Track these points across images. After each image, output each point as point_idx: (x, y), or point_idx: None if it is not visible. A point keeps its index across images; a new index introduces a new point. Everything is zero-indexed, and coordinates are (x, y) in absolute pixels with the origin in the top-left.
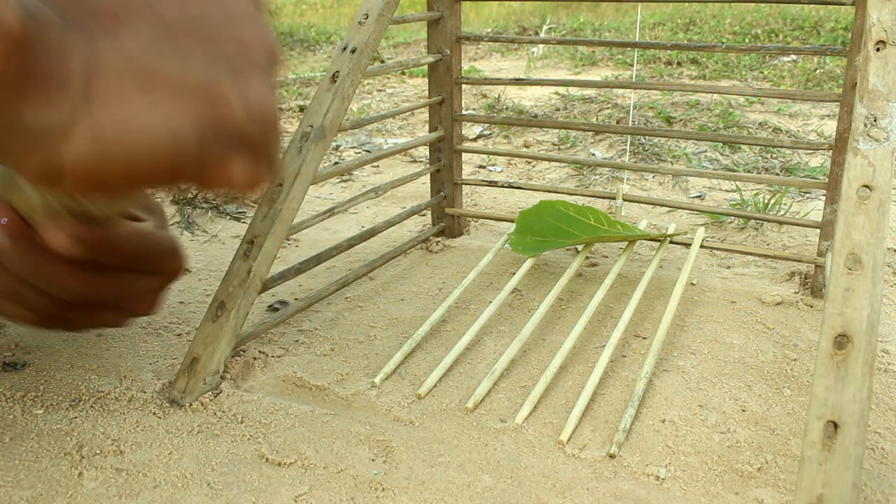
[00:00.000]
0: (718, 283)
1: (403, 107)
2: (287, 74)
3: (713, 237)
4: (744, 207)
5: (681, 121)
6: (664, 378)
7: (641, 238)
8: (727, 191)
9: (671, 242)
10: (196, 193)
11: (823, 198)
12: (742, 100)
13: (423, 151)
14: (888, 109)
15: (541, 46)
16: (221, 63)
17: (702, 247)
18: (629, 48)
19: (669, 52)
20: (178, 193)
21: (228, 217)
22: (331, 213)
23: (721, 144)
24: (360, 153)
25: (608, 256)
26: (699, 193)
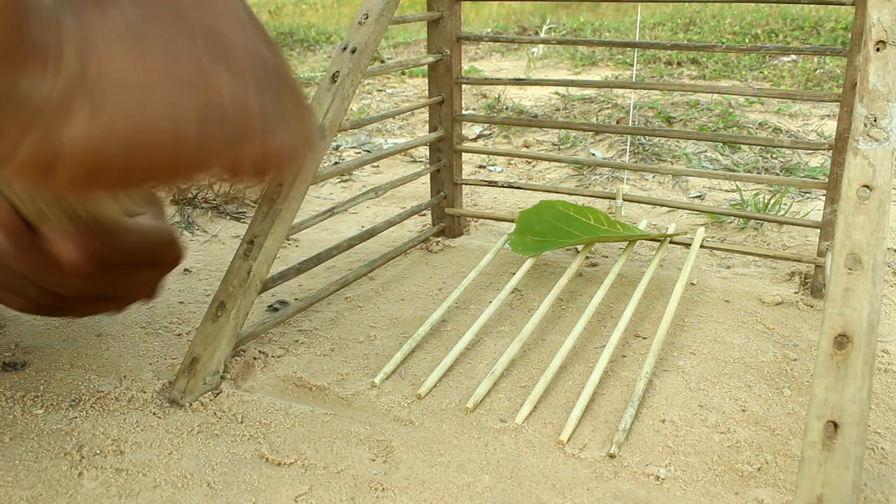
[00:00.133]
0: (718, 283)
1: (403, 107)
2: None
3: (713, 237)
4: (744, 207)
5: (681, 121)
6: (664, 378)
7: (641, 238)
8: (727, 191)
9: (671, 242)
10: (198, 192)
11: (823, 198)
12: (742, 100)
13: (423, 151)
14: (888, 109)
15: (541, 46)
16: (207, 53)
17: (702, 247)
18: (629, 48)
19: (669, 52)
20: (181, 191)
21: (228, 217)
22: (331, 213)
23: (721, 144)
24: (360, 153)
25: (608, 256)
26: (699, 193)
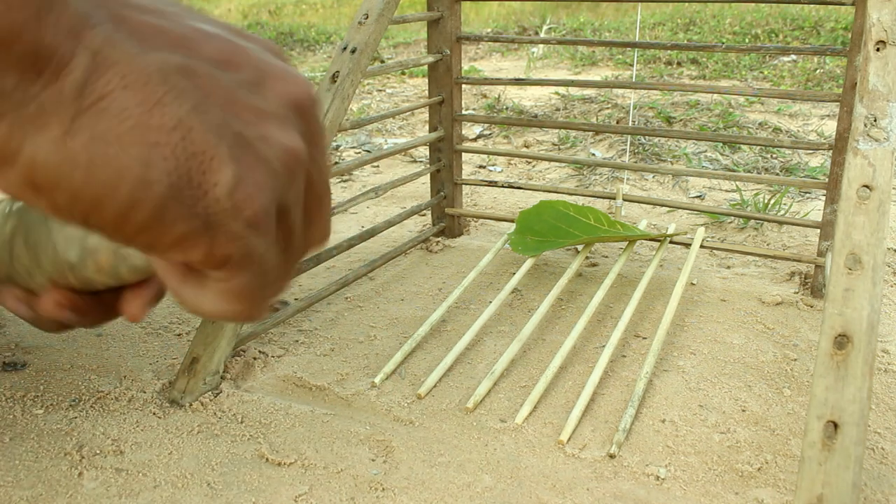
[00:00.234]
0: (718, 283)
1: (403, 107)
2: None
3: (713, 237)
4: (744, 207)
5: (681, 121)
6: (664, 378)
7: (641, 238)
8: (727, 191)
9: (671, 242)
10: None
11: (823, 198)
12: (742, 100)
13: (423, 151)
14: (888, 109)
15: (541, 46)
16: (233, 131)
17: (702, 247)
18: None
19: (669, 52)
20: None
21: None
22: (331, 214)
23: (721, 144)
24: (360, 153)
25: (608, 256)
26: (699, 193)
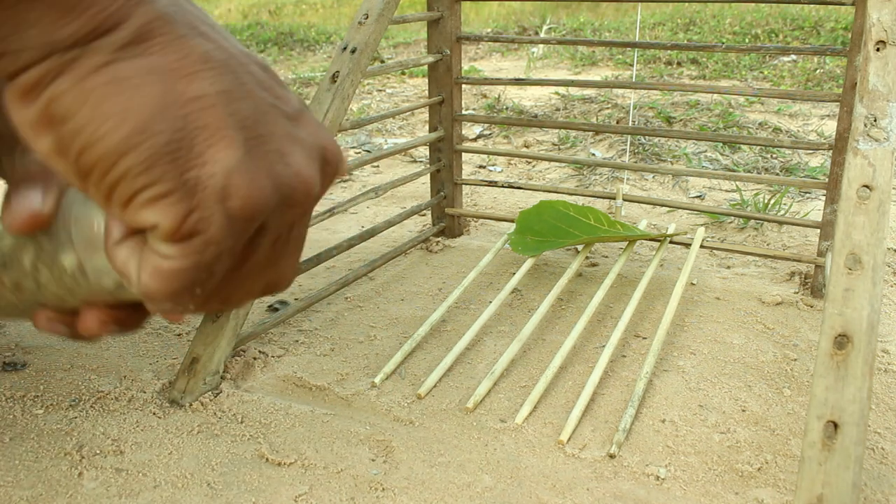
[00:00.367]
0: (718, 283)
1: (403, 107)
2: (287, 74)
3: (713, 237)
4: (744, 207)
5: (681, 121)
6: (664, 378)
7: (641, 238)
8: (727, 191)
9: (671, 242)
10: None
11: (823, 198)
12: (742, 100)
13: (423, 151)
14: (888, 109)
15: (541, 46)
16: (257, 132)
17: (702, 247)
18: (629, 48)
19: (669, 52)
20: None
21: None
22: (331, 213)
23: (721, 144)
24: (360, 153)
25: (608, 256)
26: (699, 193)
